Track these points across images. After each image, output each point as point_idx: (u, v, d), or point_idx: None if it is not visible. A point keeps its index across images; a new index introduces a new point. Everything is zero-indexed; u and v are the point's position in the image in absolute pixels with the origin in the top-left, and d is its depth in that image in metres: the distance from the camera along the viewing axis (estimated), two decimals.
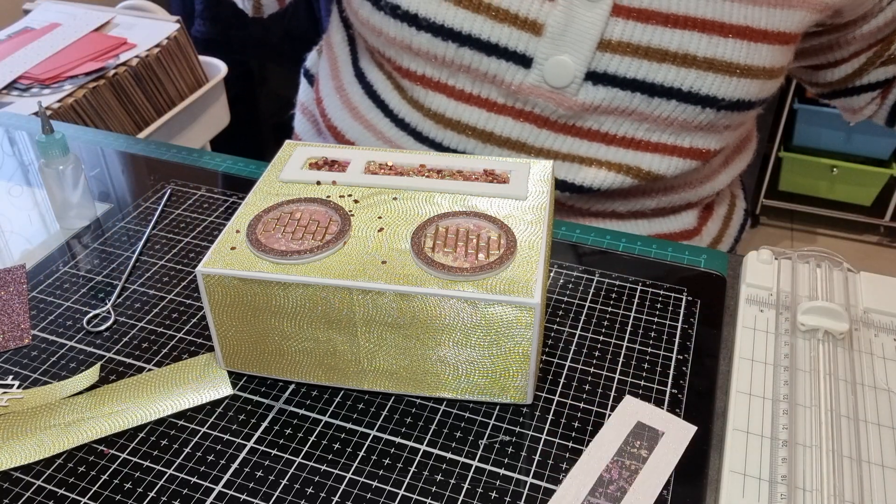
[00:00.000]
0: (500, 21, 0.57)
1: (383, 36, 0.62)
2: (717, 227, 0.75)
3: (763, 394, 0.45)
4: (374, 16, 0.62)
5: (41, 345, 0.51)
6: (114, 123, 1.10)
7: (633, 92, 0.59)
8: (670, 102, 0.59)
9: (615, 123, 0.61)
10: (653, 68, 0.57)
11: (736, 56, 0.57)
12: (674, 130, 0.62)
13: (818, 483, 0.40)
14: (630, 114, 0.60)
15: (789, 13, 0.58)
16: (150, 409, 0.46)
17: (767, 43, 0.58)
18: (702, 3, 0.56)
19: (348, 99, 0.71)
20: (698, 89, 0.58)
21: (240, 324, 0.45)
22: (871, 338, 0.49)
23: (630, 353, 0.50)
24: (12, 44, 1.16)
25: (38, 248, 0.60)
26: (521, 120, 0.62)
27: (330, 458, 0.43)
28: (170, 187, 0.67)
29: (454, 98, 0.63)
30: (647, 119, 0.61)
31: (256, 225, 0.47)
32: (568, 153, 0.63)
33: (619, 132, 0.62)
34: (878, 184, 1.83)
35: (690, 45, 0.57)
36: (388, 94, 0.67)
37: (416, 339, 0.44)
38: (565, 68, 0.58)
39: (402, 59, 0.63)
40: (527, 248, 0.45)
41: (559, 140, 0.63)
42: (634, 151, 0.63)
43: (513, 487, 0.42)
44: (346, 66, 0.72)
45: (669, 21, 0.56)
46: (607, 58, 0.58)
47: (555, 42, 0.57)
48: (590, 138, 0.62)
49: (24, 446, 0.44)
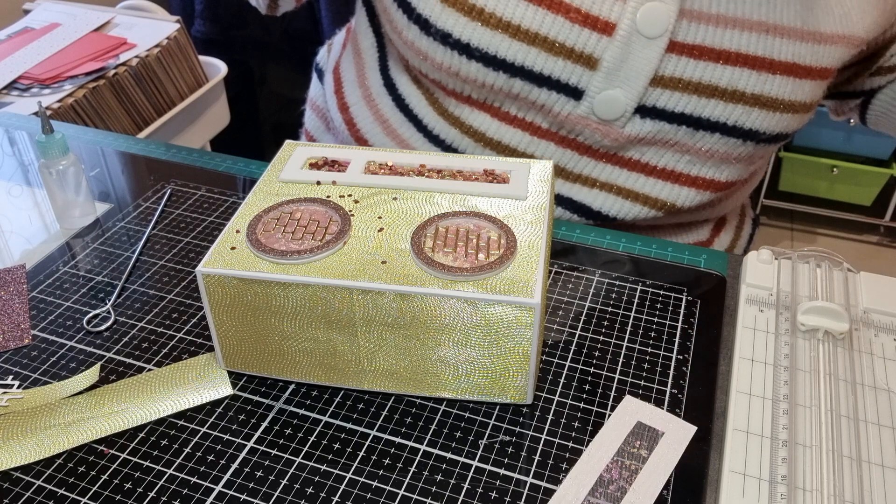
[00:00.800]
0: (554, 54, 0.57)
1: (430, 61, 0.61)
2: (728, 238, 0.76)
3: (763, 394, 0.45)
4: (422, 40, 0.60)
5: (41, 345, 0.51)
6: (114, 123, 1.10)
7: (679, 125, 0.59)
8: (713, 136, 0.60)
9: (656, 154, 0.62)
10: (701, 103, 0.58)
11: (782, 92, 0.58)
12: (713, 163, 0.62)
13: (818, 483, 0.40)
14: (673, 146, 0.61)
15: (831, 49, 0.59)
16: (150, 409, 0.46)
17: (811, 79, 0.59)
18: (753, 39, 0.57)
19: (378, 111, 0.69)
20: (742, 124, 0.59)
21: (240, 324, 0.45)
22: (871, 338, 0.49)
23: (630, 353, 0.50)
24: (12, 44, 1.16)
25: (38, 248, 0.60)
26: (563, 146, 0.62)
27: (330, 458, 0.43)
28: (170, 187, 0.67)
29: (497, 118, 0.63)
30: (688, 151, 0.61)
31: (256, 225, 0.47)
32: (606, 182, 0.64)
33: (660, 164, 0.62)
34: (878, 184, 1.83)
35: (740, 82, 0.57)
36: (421, 109, 0.66)
37: (416, 339, 0.44)
38: (616, 102, 0.58)
39: (447, 82, 0.62)
40: (527, 248, 0.45)
41: (598, 168, 0.63)
42: (672, 184, 0.63)
43: (513, 487, 0.42)
44: (374, 72, 0.70)
45: (722, 57, 0.57)
46: (658, 92, 0.58)
47: (608, 77, 0.57)
48: (629, 168, 0.63)
49: (24, 446, 0.44)
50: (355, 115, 0.71)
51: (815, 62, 0.59)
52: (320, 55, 0.84)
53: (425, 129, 0.66)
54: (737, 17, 0.56)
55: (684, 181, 0.63)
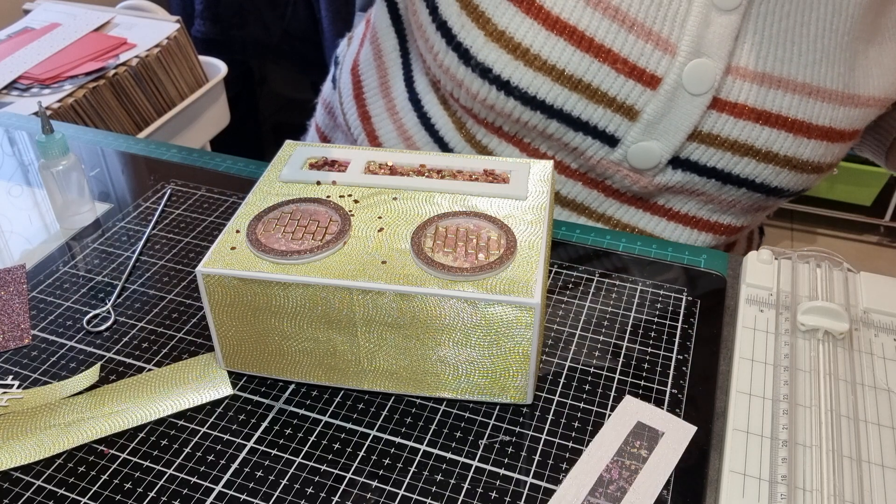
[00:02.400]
0: (595, 102, 0.56)
1: (465, 89, 0.59)
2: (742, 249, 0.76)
3: (763, 394, 0.45)
4: (460, 69, 0.58)
5: (41, 345, 0.51)
6: (114, 123, 1.10)
7: (709, 178, 0.59)
8: (740, 190, 0.60)
9: (680, 202, 0.63)
10: (734, 160, 0.58)
11: (814, 155, 0.58)
12: (735, 212, 0.63)
13: (818, 483, 0.40)
14: (699, 195, 0.61)
15: (865, 111, 0.59)
16: (150, 409, 0.46)
17: (842, 142, 0.59)
18: (796, 101, 0.56)
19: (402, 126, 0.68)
20: (770, 182, 0.59)
21: (240, 324, 0.45)
22: (871, 338, 0.49)
23: (630, 353, 0.50)
24: (12, 44, 1.16)
25: (38, 248, 0.60)
26: (589, 186, 0.63)
27: (330, 458, 0.43)
28: (170, 187, 0.67)
29: (527, 153, 0.62)
30: (712, 201, 0.62)
31: (256, 225, 0.47)
32: (628, 224, 0.64)
33: (683, 210, 0.63)
34: (878, 184, 1.83)
35: (776, 144, 0.57)
36: (448, 132, 0.65)
37: (416, 339, 0.44)
38: (651, 154, 0.58)
39: (479, 111, 0.61)
40: (527, 248, 0.45)
41: (622, 210, 0.63)
42: (692, 230, 0.64)
43: (513, 487, 0.42)
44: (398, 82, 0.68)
45: (762, 118, 0.56)
46: (693, 147, 0.58)
47: (647, 129, 0.57)
48: (652, 212, 0.63)
49: (24, 446, 0.44)
50: (378, 127, 0.70)
51: (849, 126, 0.58)
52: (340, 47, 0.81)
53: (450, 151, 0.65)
54: (782, 77, 0.56)
55: (703, 226, 0.64)
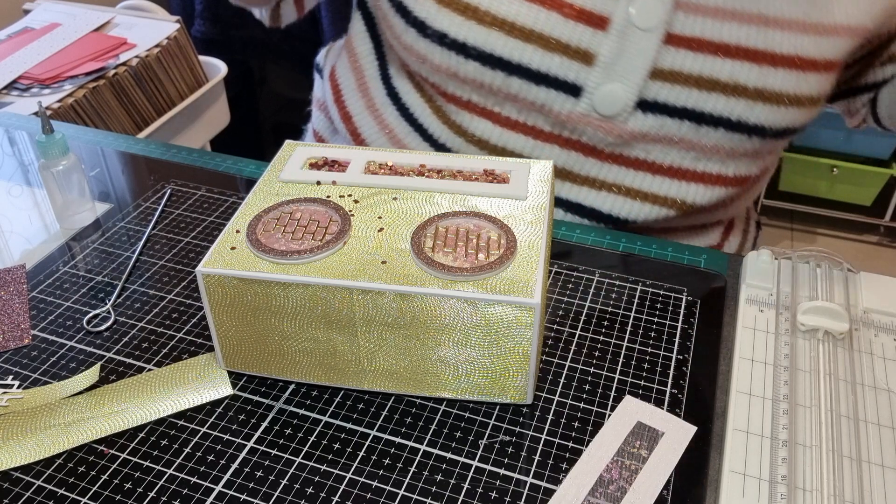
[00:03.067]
0: (550, 51, 0.56)
1: (428, 63, 0.61)
2: (737, 242, 0.76)
3: (763, 394, 0.45)
4: (419, 42, 0.60)
5: (41, 345, 0.51)
6: (114, 123, 1.10)
7: (682, 120, 0.59)
8: (718, 131, 0.59)
9: (662, 152, 0.61)
10: (703, 97, 0.57)
11: (786, 86, 0.58)
12: (720, 158, 0.62)
13: (818, 483, 0.40)
14: (677, 142, 0.60)
15: (836, 41, 0.58)
16: (150, 409, 0.46)
17: (816, 72, 0.58)
18: (753, 32, 0.56)
19: (383, 120, 0.69)
20: (746, 119, 0.58)
21: (240, 324, 0.45)
22: (871, 338, 0.49)
23: (630, 353, 0.50)
24: (12, 44, 1.16)
25: (38, 248, 0.60)
26: (567, 148, 0.62)
27: (330, 458, 0.43)
28: (170, 187, 0.67)
29: (500, 125, 0.62)
30: (693, 147, 0.61)
31: (256, 225, 0.47)
32: (613, 182, 0.63)
33: (666, 161, 0.62)
34: (878, 184, 1.83)
35: (741, 76, 0.57)
36: (426, 119, 0.66)
37: (416, 339, 0.44)
38: (616, 97, 0.58)
39: (447, 85, 0.62)
40: (527, 248, 0.45)
41: (605, 169, 0.63)
42: (679, 181, 0.63)
43: (513, 487, 0.42)
44: (376, 81, 0.70)
45: (721, 50, 0.56)
46: (658, 86, 0.57)
47: (606, 71, 0.57)
48: (636, 167, 0.62)
49: (24, 446, 0.44)
50: (360, 126, 0.71)
51: (820, 55, 0.58)
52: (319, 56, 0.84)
53: (431, 139, 0.66)
54: (735, 10, 0.56)
55: (691, 177, 0.62)
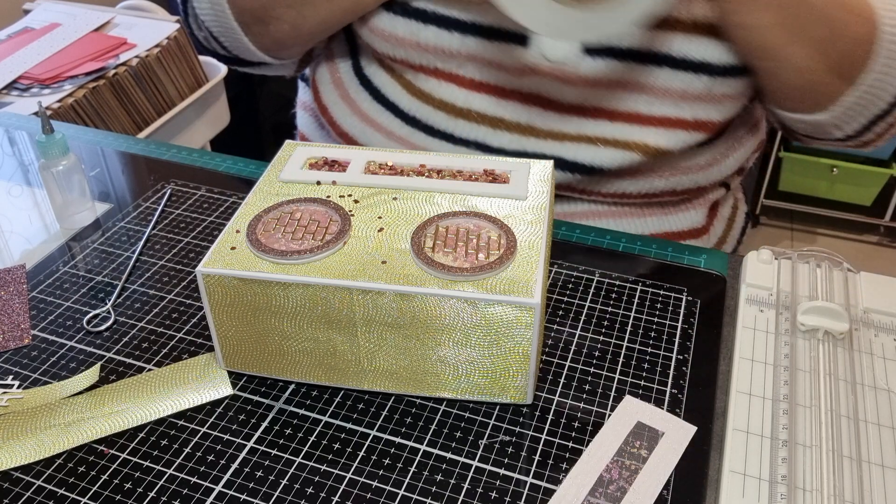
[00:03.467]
0: None
1: (393, 38, 0.64)
2: (722, 227, 0.76)
3: (763, 394, 0.45)
4: (384, 18, 0.64)
5: (41, 345, 0.51)
6: (114, 123, 1.10)
7: (629, 62, 0.60)
8: (663, 70, 0.60)
9: (617, 99, 0.63)
10: (646, 36, 0.59)
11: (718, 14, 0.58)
12: (673, 101, 0.63)
13: (818, 483, 0.40)
14: (630, 86, 0.62)
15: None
16: (150, 409, 0.46)
17: None
18: None
19: (357, 106, 0.72)
20: (691, 55, 0.59)
21: (240, 324, 0.45)
22: (871, 338, 0.49)
23: (630, 353, 0.50)
24: (12, 44, 1.16)
25: (38, 248, 0.60)
26: (528, 104, 0.64)
27: (330, 458, 0.43)
28: (170, 187, 0.67)
29: (464, 87, 0.65)
30: (645, 90, 0.62)
31: (256, 225, 0.47)
32: (576, 134, 0.64)
33: (622, 107, 0.63)
34: (878, 184, 1.83)
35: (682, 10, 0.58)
36: (397, 95, 0.68)
37: (416, 339, 0.44)
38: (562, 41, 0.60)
39: (412, 56, 0.65)
40: (527, 248, 0.45)
41: (565, 121, 0.64)
42: (639, 126, 0.64)
43: (513, 487, 0.42)
44: (349, 74, 0.73)
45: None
46: None
47: None
48: (595, 116, 0.64)
49: (24, 446, 0.44)
50: (335, 114, 0.74)
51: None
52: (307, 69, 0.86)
53: (401, 113, 0.69)
54: None
55: (649, 122, 0.63)
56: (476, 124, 0.65)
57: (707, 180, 0.70)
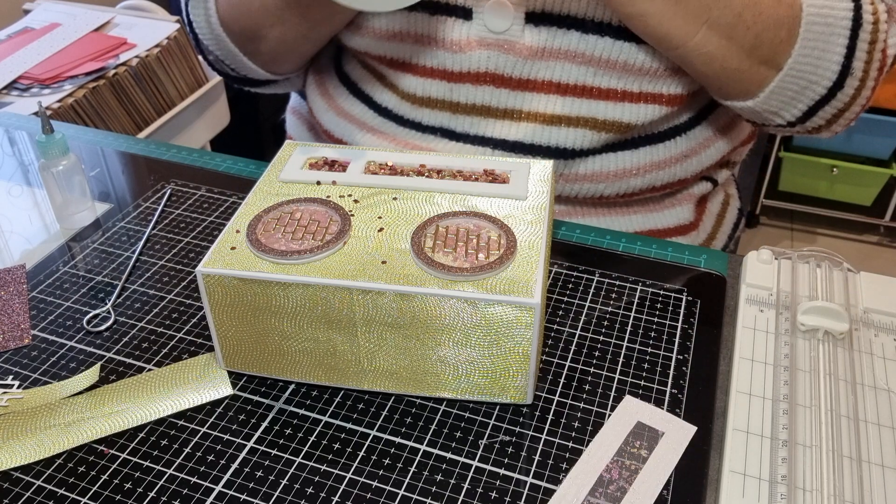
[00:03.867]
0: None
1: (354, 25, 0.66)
2: (711, 223, 0.75)
3: (763, 394, 0.45)
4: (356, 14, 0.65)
5: (41, 345, 0.51)
6: (114, 123, 1.10)
7: (570, 30, 0.60)
8: (604, 39, 0.59)
9: (563, 70, 0.62)
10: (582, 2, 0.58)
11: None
12: (618, 73, 0.62)
13: (818, 483, 0.40)
14: (573, 56, 0.61)
15: None
16: (150, 409, 0.46)
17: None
18: None
19: (335, 102, 0.73)
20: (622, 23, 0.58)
21: (240, 324, 0.45)
22: (871, 338, 0.49)
23: (630, 353, 0.50)
24: (12, 44, 1.16)
25: (38, 248, 0.61)
26: (480, 84, 0.64)
27: (330, 458, 0.43)
28: (170, 187, 0.67)
29: (419, 75, 0.65)
30: (589, 61, 0.61)
31: (256, 225, 0.47)
32: (530, 111, 0.64)
33: (569, 79, 0.63)
34: (878, 184, 1.83)
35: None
36: (370, 87, 0.71)
37: (416, 339, 0.44)
38: (504, 10, 0.60)
39: (377, 48, 0.66)
40: (527, 248, 0.45)
41: (518, 97, 0.64)
42: (589, 100, 0.63)
43: (513, 487, 0.42)
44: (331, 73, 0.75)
45: None
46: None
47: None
48: (545, 90, 0.64)
49: (24, 446, 0.44)
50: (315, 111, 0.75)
51: None
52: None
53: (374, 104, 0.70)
54: None
55: (598, 94, 0.63)
56: (438, 111, 0.66)
57: (686, 173, 0.69)
